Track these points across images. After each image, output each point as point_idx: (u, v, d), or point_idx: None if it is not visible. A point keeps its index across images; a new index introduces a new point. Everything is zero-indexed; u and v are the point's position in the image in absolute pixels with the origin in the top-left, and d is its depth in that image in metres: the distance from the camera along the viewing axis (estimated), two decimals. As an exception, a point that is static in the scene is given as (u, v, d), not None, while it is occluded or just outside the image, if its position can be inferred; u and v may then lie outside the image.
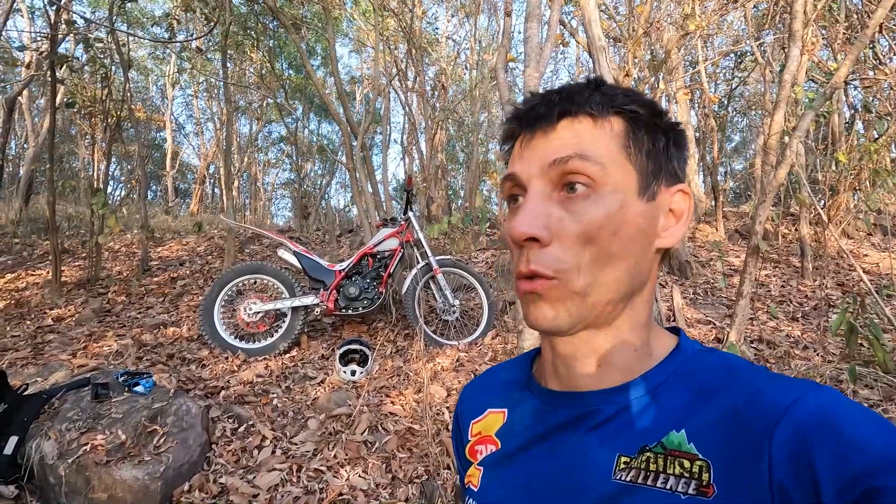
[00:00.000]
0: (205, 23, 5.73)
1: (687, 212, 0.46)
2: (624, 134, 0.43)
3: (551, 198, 0.43)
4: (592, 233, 0.41)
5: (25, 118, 8.58)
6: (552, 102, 0.44)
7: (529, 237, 0.41)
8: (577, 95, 0.44)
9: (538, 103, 0.45)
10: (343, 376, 2.98)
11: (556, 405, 0.47)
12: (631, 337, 0.44)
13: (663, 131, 0.45)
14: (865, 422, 0.34)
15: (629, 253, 0.42)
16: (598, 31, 2.85)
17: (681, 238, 0.46)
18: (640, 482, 0.39)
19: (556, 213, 0.42)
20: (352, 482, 2.14)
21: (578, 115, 0.43)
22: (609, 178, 0.42)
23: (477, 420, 0.55)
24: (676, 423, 0.40)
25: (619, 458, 0.41)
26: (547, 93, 0.46)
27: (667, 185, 0.45)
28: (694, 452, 0.38)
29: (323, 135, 13.24)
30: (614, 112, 0.44)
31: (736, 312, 2.66)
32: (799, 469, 0.33)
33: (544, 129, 0.44)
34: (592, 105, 0.43)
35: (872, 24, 2.72)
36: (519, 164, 0.45)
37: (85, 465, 2.03)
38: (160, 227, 6.99)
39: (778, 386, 0.38)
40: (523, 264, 0.42)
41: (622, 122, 0.44)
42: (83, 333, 3.49)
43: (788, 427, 0.35)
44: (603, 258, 0.41)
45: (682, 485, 0.38)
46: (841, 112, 6.01)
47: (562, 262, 0.41)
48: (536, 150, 0.44)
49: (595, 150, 0.42)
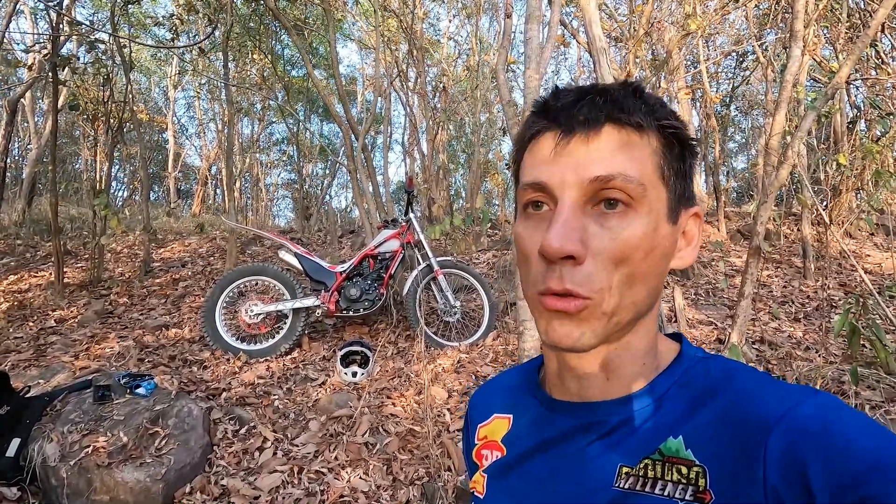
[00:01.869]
0: (207, 24, 5.74)
1: (698, 235, 0.46)
2: (661, 152, 0.41)
3: (585, 211, 0.40)
4: (627, 253, 0.39)
5: (28, 120, 8.62)
6: (597, 104, 0.40)
7: (567, 255, 0.39)
8: (625, 101, 0.40)
9: (579, 101, 0.41)
10: (344, 378, 2.98)
11: (559, 414, 0.47)
12: (639, 349, 0.44)
13: (690, 151, 0.43)
14: (860, 428, 0.34)
15: (654, 275, 0.42)
16: (599, 31, 2.84)
17: (691, 262, 0.45)
18: (639, 489, 0.40)
19: (591, 227, 0.40)
20: (353, 484, 2.15)
21: (625, 126, 0.40)
22: (646, 199, 0.40)
23: (483, 424, 0.55)
24: (674, 430, 0.40)
25: (620, 468, 0.41)
26: (585, 91, 0.42)
27: (685, 207, 0.44)
28: (691, 459, 0.38)
29: (324, 136, 13.26)
30: (655, 125, 0.41)
31: (738, 313, 2.65)
32: (792, 475, 0.33)
33: (586, 134, 0.40)
34: (640, 116, 0.40)
35: (874, 24, 2.71)
36: (549, 170, 0.41)
37: (87, 467, 2.03)
38: (162, 228, 7.01)
39: (775, 392, 0.38)
40: (555, 281, 0.39)
41: (659, 138, 0.42)
42: (85, 335, 3.50)
43: (783, 434, 0.35)
44: (631, 279, 0.40)
45: (679, 491, 0.38)
46: (843, 112, 5.99)
47: (597, 282, 0.39)
48: (574, 156, 0.40)
49: (638, 167, 0.40)
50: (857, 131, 5.64)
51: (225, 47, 5.48)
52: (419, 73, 7.09)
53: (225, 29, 5.28)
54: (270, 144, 13.67)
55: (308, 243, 5.95)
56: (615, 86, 0.42)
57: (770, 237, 5.42)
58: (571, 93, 0.42)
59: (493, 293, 3.64)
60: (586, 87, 0.42)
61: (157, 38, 8.42)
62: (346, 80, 10.96)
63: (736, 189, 11.06)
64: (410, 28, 6.36)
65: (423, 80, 7.12)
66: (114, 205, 5.80)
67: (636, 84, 0.42)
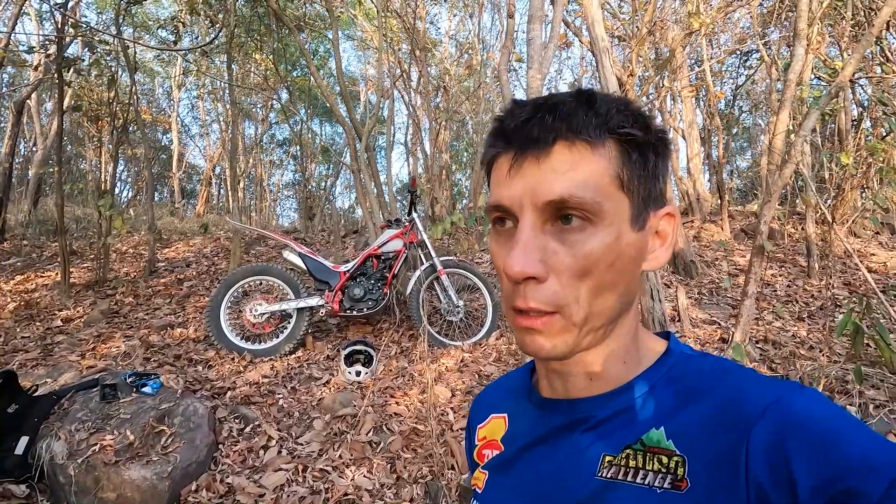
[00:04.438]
0: (209, 26, 5.76)
1: (672, 235, 0.45)
2: (618, 160, 0.41)
3: (544, 230, 0.41)
4: (589, 267, 0.40)
5: (34, 121, 8.67)
6: (546, 124, 0.40)
7: (528, 276, 0.40)
8: (574, 117, 0.40)
9: (529, 121, 0.41)
10: (348, 377, 3.00)
11: (550, 412, 0.49)
12: (619, 350, 0.45)
13: (653, 147, 0.43)
14: (843, 424, 0.35)
15: (621, 282, 0.42)
16: (602, 31, 2.84)
17: (665, 262, 0.46)
18: (621, 478, 0.41)
19: (551, 245, 0.40)
20: (357, 482, 2.16)
21: (575, 143, 0.40)
22: (604, 212, 0.40)
23: (482, 425, 0.58)
24: (656, 422, 0.42)
25: (603, 458, 0.43)
26: (537, 107, 0.42)
27: (655, 209, 0.44)
28: (671, 448, 0.40)
29: (327, 136, 13.29)
30: (610, 135, 0.41)
31: (741, 312, 2.65)
32: (776, 468, 0.34)
33: (536, 155, 0.41)
34: (590, 130, 0.40)
35: (879, 22, 2.70)
36: (507, 191, 0.42)
37: (94, 465, 2.05)
38: (167, 228, 7.04)
39: (760, 387, 0.39)
40: (520, 300, 0.41)
41: (617, 145, 0.41)
42: (92, 335, 3.53)
43: (766, 427, 0.36)
44: (598, 289, 0.41)
45: (658, 479, 0.39)
46: (848, 110, 5.96)
47: (560, 298, 0.40)
48: (528, 178, 0.41)
49: (592, 185, 0.40)
50: (862, 129, 5.62)
51: (228, 48, 5.50)
52: (421, 73, 7.09)
53: (228, 30, 5.29)
54: (274, 145, 13.71)
55: (311, 243, 5.97)
56: (567, 98, 0.42)
57: (774, 236, 5.40)
58: (525, 109, 0.42)
59: (496, 292, 3.65)
60: (539, 102, 0.42)
61: (161, 40, 8.45)
62: (349, 81, 10.98)
63: (740, 188, 11.03)
64: (412, 28, 6.37)
65: (425, 80, 7.13)
66: (119, 205, 5.83)
67: (588, 93, 0.42)
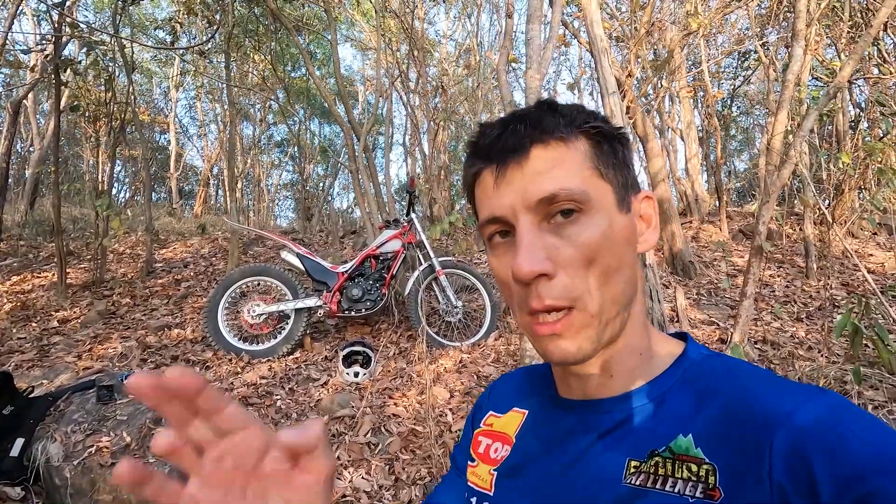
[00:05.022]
0: (207, 26, 5.75)
1: (655, 216, 0.48)
2: (592, 153, 0.44)
3: (541, 228, 0.43)
4: (592, 254, 0.42)
5: (31, 121, 8.64)
6: (519, 132, 0.43)
7: (539, 274, 0.41)
8: (542, 121, 0.43)
9: (502, 135, 0.44)
10: (346, 378, 2.99)
11: (567, 412, 0.48)
12: (634, 341, 0.45)
13: (618, 139, 0.46)
14: (865, 427, 0.34)
15: (624, 264, 0.44)
16: (600, 31, 2.84)
17: (655, 242, 0.48)
18: (650, 486, 0.40)
19: (552, 241, 0.42)
20: (355, 484, 2.15)
21: (549, 142, 0.43)
22: (592, 201, 0.42)
23: (499, 416, 0.56)
24: (683, 428, 0.41)
25: (628, 463, 0.42)
26: (505, 122, 0.45)
27: (634, 193, 0.46)
28: (701, 457, 0.39)
29: (325, 136, 13.28)
30: (579, 131, 0.44)
31: (740, 313, 2.65)
32: (798, 476, 0.34)
33: (517, 161, 0.43)
34: (561, 129, 0.43)
35: (877, 23, 2.71)
36: (498, 201, 0.44)
37: (90, 467, 2.04)
38: (164, 229, 7.02)
39: (780, 391, 0.39)
40: (535, 301, 0.42)
41: (587, 140, 0.44)
42: (88, 335, 3.51)
43: (789, 432, 0.35)
44: (605, 276, 0.42)
45: (689, 488, 0.38)
46: (845, 111, 5.97)
47: (573, 290, 0.41)
48: (514, 184, 0.43)
49: (574, 177, 0.42)
50: (860, 130, 5.63)
51: (226, 48, 5.49)
52: (419, 73, 7.09)
53: (225, 30, 5.28)
54: (272, 145, 13.70)
55: (309, 244, 5.95)
56: (531, 109, 0.45)
57: (772, 237, 5.41)
58: (495, 127, 0.45)
59: (494, 293, 3.64)
60: (507, 118, 0.45)
61: (158, 40, 8.43)
62: (347, 81, 10.97)
63: (737, 189, 11.05)
64: (411, 28, 6.36)
65: (423, 81, 7.12)
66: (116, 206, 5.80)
67: (549, 101, 0.46)
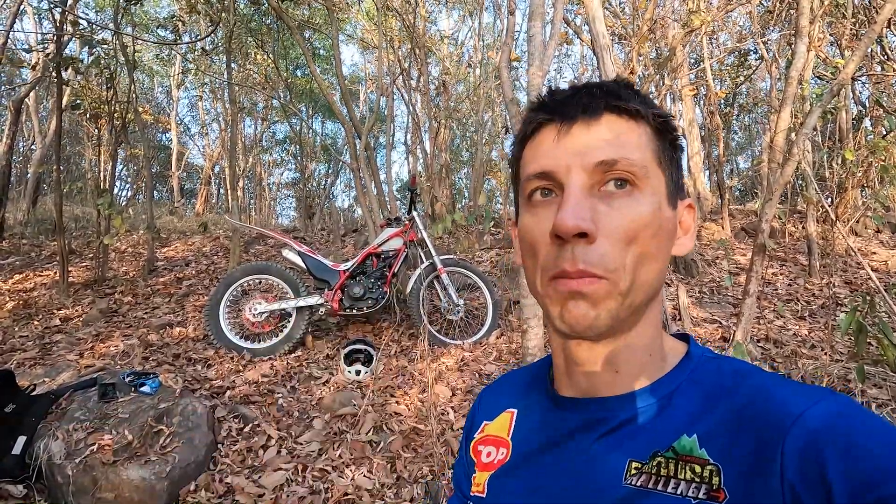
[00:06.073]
0: (209, 25, 5.75)
1: (693, 225, 0.48)
2: (655, 140, 0.44)
3: (592, 193, 0.41)
4: (637, 231, 0.40)
5: (32, 120, 8.65)
6: (594, 95, 0.43)
7: (580, 232, 0.39)
8: (619, 92, 0.43)
9: (575, 95, 0.44)
10: (348, 376, 2.99)
11: (568, 410, 0.47)
12: (646, 341, 0.44)
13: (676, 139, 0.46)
14: (877, 430, 0.34)
15: (662, 255, 0.43)
16: (603, 28, 2.83)
17: (690, 250, 0.48)
18: (652, 487, 0.39)
19: (600, 207, 0.41)
20: (357, 482, 2.15)
21: (622, 114, 0.43)
22: (649, 181, 0.42)
23: (489, 422, 0.55)
24: (687, 429, 0.40)
25: (630, 464, 0.41)
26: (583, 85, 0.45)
27: (680, 197, 0.46)
28: (705, 457, 0.38)
29: (327, 135, 13.27)
30: (649, 115, 0.43)
31: (742, 311, 2.63)
32: (811, 477, 0.33)
33: (587, 121, 0.42)
34: (636, 103, 0.43)
35: (881, 20, 2.69)
36: (552, 157, 0.42)
37: (92, 465, 2.04)
38: (166, 227, 7.03)
39: (790, 392, 0.38)
40: (568, 262, 0.40)
41: (652, 126, 0.44)
42: (90, 334, 3.51)
43: (800, 435, 0.35)
44: (643, 258, 0.41)
45: (692, 489, 0.38)
46: (848, 108, 5.95)
47: (611, 261, 0.40)
48: (576, 142, 0.42)
49: (638, 151, 0.42)
50: (863, 129, 5.61)
51: (228, 46, 5.48)
52: (421, 71, 7.08)
53: (227, 28, 5.28)
54: (273, 144, 13.69)
55: (311, 242, 5.95)
56: (607, 82, 0.45)
57: (775, 235, 5.39)
58: (568, 89, 0.45)
59: (496, 291, 3.64)
60: (581, 84, 0.45)
61: (159, 37, 8.42)
62: (349, 80, 10.97)
63: (739, 188, 11.01)
64: (413, 26, 6.35)
65: (425, 79, 7.11)
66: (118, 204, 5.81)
67: (627, 80, 0.46)
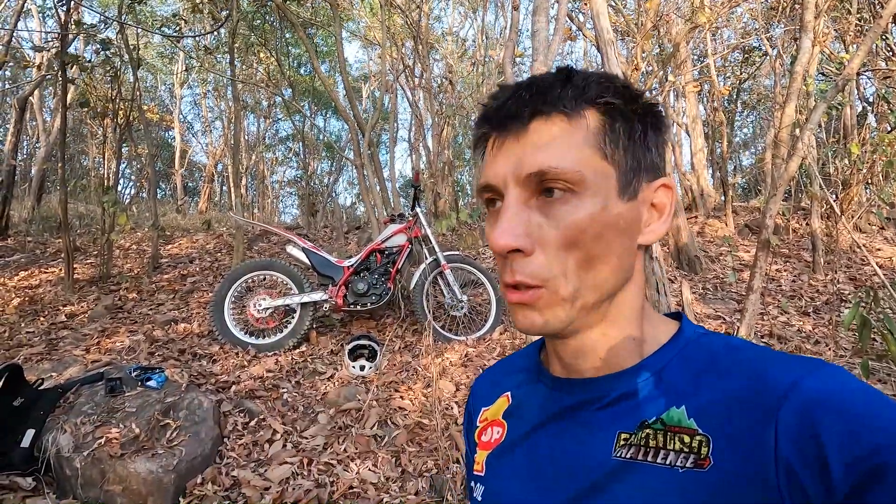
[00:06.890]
0: (212, 22, 5.75)
1: (669, 206, 0.44)
2: (600, 130, 0.41)
3: (529, 204, 0.41)
4: (574, 238, 0.40)
5: (37, 118, 8.67)
6: (522, 100, 0.41)
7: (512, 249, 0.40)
8: (549, 91, 0.41)
9: (508, 100, 0.42)
10: (352, 371, 3.00)
11: (561, 391, 0.47)
12: (626, 327, 0.44)
13: (640, 117, 0.42)
14: (871, 399, 0.34)
15: (612, 254, 0.41)
16: (607, 24, 2.83)
17: (663, 234, 0.45)
18: (641, 458, 0.40)
19: (536, 219, 0.41)
20: (362, 476, 2.16)
21: (552, 115, 0.41)
22: (588, 183, 0.40)
23: (487, 408, 0.56)
24: (676, 401, 0.40)
25: (619, 435, 0.41)
26: (516, 87, 0.43)
27: (648, 180, 0.43)
28: (694, 427, 0.38)
29: (330, 132, 13.28)
30: (589, 106, 0.41)
31: (746, 307, 2.64)
32: (806, 447, 0.33)
33: (516, 131, 0.42)
34: (566, 102, 0.41)
35: (886, 15, 2.68)
36: (492, 170, 0.43)
37: (100, 458, 2.06)
38: (170, 224, 7.05)
39: (782, 364, 0.38)
40: (507, 274, 0.42)
41: (597, 115, 0.41)
42: (96, 329, 3.54)
43: (794, 405, 0.35)
44: (587, 262, 0.40)
45: (681, 459, 0.38)
46: (853, 104, 5.93)
47: (547, 271, 0.40)
48: (509, 155, 0.42)
49: (571, 156, 0.40)
50: (867, 125, 5.58)
51: (231, 43, 5.49)
52: (424, 68, 7.07)
53: (231, 26, 5.28)
54: (277, 141, 13.72)
55: (314, 240, 5.97)
56: (547, 76, 0.43)
57: (779, 231, 5.38)
58: (507, 91, 0.43)
59: (499, 288, 3.64)
60: (520, 82, 0.43)
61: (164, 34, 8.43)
62: (352, 77, 10.96)
63: (742, 185, 10.98)
64: (416, 24, 6.35)
65: (428, 76, 7.11)
66: (122, 202, 5.84)
67: (567, 69, 0.43)
